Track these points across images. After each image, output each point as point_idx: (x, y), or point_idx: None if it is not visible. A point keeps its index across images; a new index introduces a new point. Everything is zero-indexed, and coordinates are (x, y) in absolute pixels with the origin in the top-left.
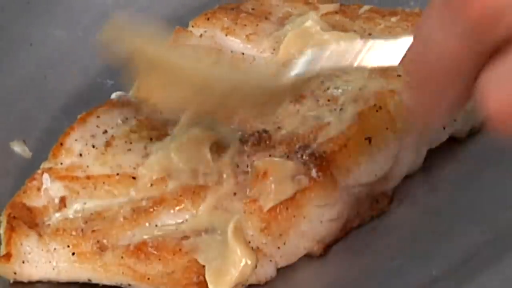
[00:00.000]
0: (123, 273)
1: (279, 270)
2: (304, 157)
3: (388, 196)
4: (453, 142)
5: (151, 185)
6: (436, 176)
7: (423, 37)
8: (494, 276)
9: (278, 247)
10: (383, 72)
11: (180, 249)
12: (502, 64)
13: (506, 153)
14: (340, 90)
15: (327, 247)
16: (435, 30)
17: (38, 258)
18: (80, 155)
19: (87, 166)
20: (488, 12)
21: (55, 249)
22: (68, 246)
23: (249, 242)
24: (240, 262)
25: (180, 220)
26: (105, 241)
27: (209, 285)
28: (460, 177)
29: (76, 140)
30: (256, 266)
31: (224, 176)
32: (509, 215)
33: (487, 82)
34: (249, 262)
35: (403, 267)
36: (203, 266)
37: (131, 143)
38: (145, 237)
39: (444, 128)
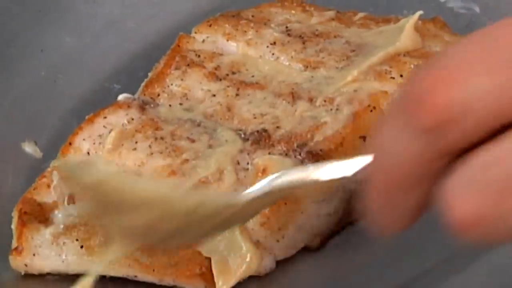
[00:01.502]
0: (129, 265)
1: (278, 263)
2: (301, 154)
3: None
4: None
5: None
6: None
7: (379, 144)
8: (482, 267)
9: (277, 241)
10: (377, 75)
11: None
12: (466, 170)
13: None
14: (335, 92)
15: (324, 241)
16: (390, 136)
17: (48, 251)
18: (88, 153)
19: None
20: (443, 117)
21: (64, 242)
22: (77, 240)
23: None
24: (246, 258)
25: None
26: None
27: (215, 276)
28: None
29: (84, 139)
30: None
31: (225, 172)
32: None
33: (450, 190)
34: (254, 258)
35: (397, 260)
36: (206, 258)
37: (136, 142)
38: None
39: None
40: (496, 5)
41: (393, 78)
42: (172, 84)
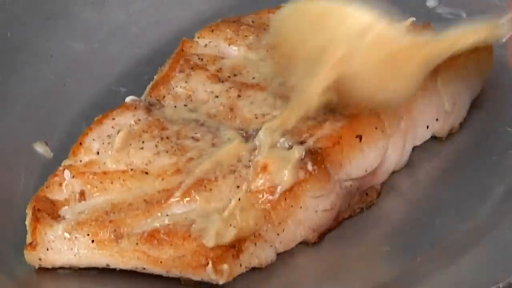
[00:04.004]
0: (138, 258)
1: (278, 255)
2: None
3: (377, 189)
4: (435, 141)
5: (162, 179)
6: (420, 172)
7: None
8: (470, 260)
9: (278, 234)
10: None
11: (189, 235)
12: None
13: (482, 151)
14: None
15: (321, 235)
16: None
17: (60, 245)
18: (98, 153)
19: (104, 163)
20: None
21: (76, 237)
22: (88, 235)
23: None
24: None
25: (189, 210)
26: (121, 229)
27: None
28: (441, 173)
29: (93, 139)
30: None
31: (228, 170)
32: (484, 207)
33: None
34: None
35: (391, 254)
36: (211, 250)
37: (143, 142)
38: (157, 225)
39: (427, 127)
40: (481, 11)
41: None
42: (176, 86)
